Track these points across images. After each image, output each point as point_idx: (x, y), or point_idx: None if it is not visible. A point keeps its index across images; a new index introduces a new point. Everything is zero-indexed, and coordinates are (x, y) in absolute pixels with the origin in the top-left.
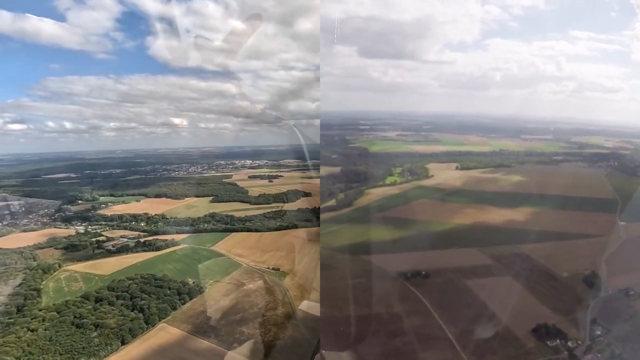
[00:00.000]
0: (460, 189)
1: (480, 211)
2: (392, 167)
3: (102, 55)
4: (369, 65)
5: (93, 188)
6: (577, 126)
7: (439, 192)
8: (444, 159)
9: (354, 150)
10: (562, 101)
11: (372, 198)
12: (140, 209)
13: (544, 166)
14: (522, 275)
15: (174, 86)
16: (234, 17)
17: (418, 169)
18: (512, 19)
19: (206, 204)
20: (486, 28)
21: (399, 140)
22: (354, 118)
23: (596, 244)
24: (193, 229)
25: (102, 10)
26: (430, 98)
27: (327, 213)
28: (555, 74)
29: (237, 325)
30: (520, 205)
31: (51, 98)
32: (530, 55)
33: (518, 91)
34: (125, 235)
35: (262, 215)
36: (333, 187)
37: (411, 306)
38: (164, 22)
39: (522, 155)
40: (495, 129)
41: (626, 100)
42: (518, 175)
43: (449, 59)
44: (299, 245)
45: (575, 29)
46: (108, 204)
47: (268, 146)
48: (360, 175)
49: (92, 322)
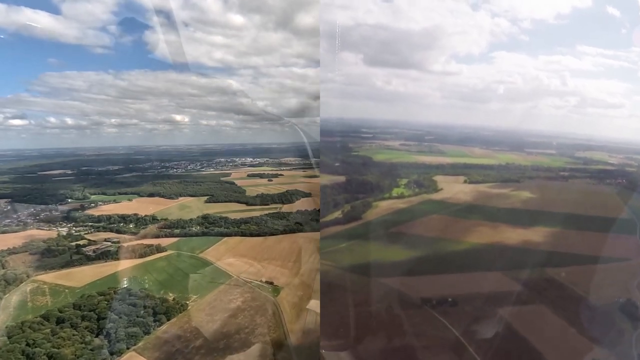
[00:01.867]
0: (472, 204)
1: (495, 230)
2: (398, 177)
3: (99, 50)
4: (373, 74)
5: (86, 185)
6: (579, 141)
7: (449, 207)
8: (450, 171)
9: (357, 159)
10: (563, 116)
11: (379, 212)
12: (131, 209)
13: (552, 182)
14: (555, 303)
15: (173, 82)
16: (233, 11)
17: (425, 181)
18: (520, 33)
19: (200, 204)
20: (494, 40)
21: (403, 150)
22: (355, 126)
23: (625, 268)
24: (183, 232)
25: (98, 3)
26: (432, 108)
27: (331, 228)
28: (559, 89)
29: (219, 356)
30: (535, 224)
31: (51, 93)
32: (535, 69)
33: (520, 105)
34: (110, 239)
35: (258, 217)
36: (337, 198)
37: (439, 339)
38: (162, 16)
39: (529, 169)
40: (498, 141)
41: (626, 117)
42: (527, 191)
43: (454, 70)
44: (296, 254)
45: (583, 44)
46: (98, 203)
47: (270, 144)
48: (366, 185)
49: (45, 351)
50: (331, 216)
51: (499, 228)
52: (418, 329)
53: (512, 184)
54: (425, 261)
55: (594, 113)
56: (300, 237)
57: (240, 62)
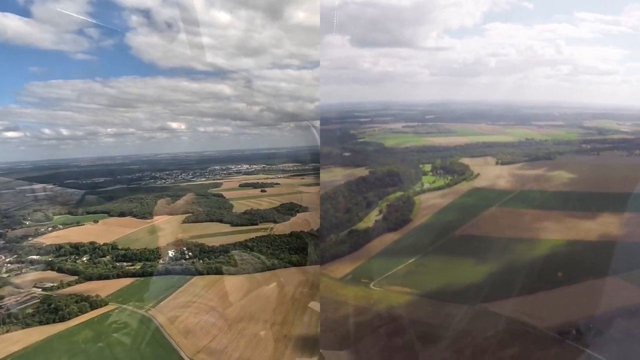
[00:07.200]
0: (520, 191)
1: (562, 221)
2: (419, 164)
3: (81, 56)
4: (359, 56)
5: (54, 203)
6: (577, 110)
7: (501, 197)
8: (472, 152)
9: (368, 146)
10: (552, 85)
11: (425, 212)
12: (92, 235)
13: (585, 157)
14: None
15: (164, 89)
16: (217, 7)
17: (454, 165)
18: (518, 0)
19: (176, 225)
20: (489, 11)
21: (409, 133)
22: (348, 110)
23: None
24: (141, 270)
25: (69, 2)
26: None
27: (355, 245)
28: (553, 58)
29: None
30: (600, 210)
31: (40, 104)
32: (529, 39)
33: (512, 76)
34: (43, 282)
35: (241, 244)
36: (356, 197)
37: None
38: (141, 15)
39: (550, 144)
40: (498, 116)
41: (618, 83)
42: (565, 170)
43: (446, 45)
44: (284, 310)
45: (582, 10)
46: (58, 227)
47: (269, 149)
48: (394, 177)
49: None
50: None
51: (565, 218)
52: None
53: (545, 163)
54: (517, 273)
55: (585, 80)
56: (292, 276)
57: (231, 65)
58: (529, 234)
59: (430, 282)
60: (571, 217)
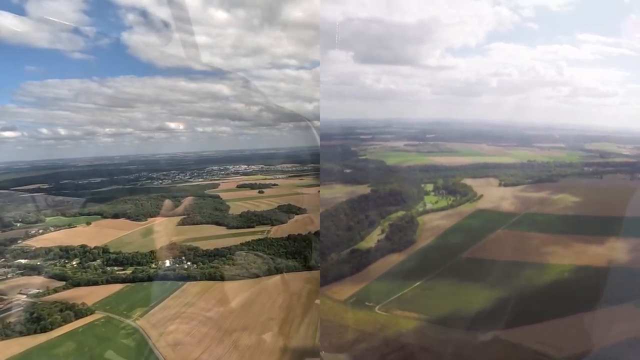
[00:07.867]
0: (525, 213)
1: (569, 246)
2: (421, 183)
3: (78, 55)
4: (362, 72)
5: (48, 205)
6: (577, 132)
7: (505, 219)
8: (473, 172)
9: (369, 164)
10: (553, 107)
11: (430, 233)
12: (83, 237)
13: (588, 180)
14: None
15: (162, 88)
16: (214, 5)
17: (457, 186)
18: (521, 21)
19: (170, 227)
20: (492, 31)
21: (411, 151)
22: (350, 127)
23: None
24: (132, 274)
25: (66, 1)
26: (423, 105)
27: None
28: (554, 79)
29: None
30: (606, 235)
31: (37, 103)
32: (532, 59)
33: (513, 97)
34: (28, 289)
35: (237, 248)
36: (357, 215)
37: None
38: (138, 14)
39: (553, 167)
40: (499, 137)
41: (617, 105)
42: (569, 193)
43: (449, 64)
44: (282, 318)
45: (584, 32)
46: (49, 229)
47: (268, 149)
48: (396, 196)
49: None
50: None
51: (573, 243)
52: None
53: (549, 185)
54: (528, 299)
55: (585, 102)
56: (290, 282)
57: (229, 65)
58: (537, 258)
59: (438, 307)
60: (579, 242)
